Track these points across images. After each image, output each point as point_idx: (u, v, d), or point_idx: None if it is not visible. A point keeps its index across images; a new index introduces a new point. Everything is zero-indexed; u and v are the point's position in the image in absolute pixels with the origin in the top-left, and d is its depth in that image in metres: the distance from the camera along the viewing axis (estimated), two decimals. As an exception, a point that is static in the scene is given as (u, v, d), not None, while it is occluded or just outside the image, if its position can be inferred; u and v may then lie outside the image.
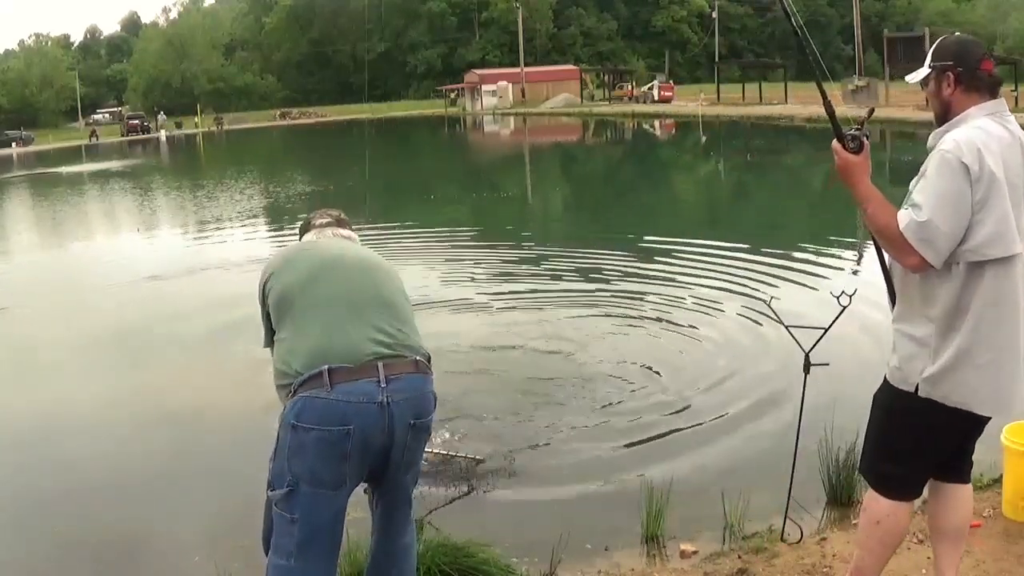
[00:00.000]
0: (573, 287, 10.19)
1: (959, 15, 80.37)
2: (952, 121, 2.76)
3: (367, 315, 2.85)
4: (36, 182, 35.24)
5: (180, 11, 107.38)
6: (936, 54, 2.82)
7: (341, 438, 2.66)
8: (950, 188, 2.59)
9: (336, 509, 2.81)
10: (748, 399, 6.17)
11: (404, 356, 2.81)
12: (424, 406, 2.86)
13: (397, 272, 3.18)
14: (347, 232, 3.29)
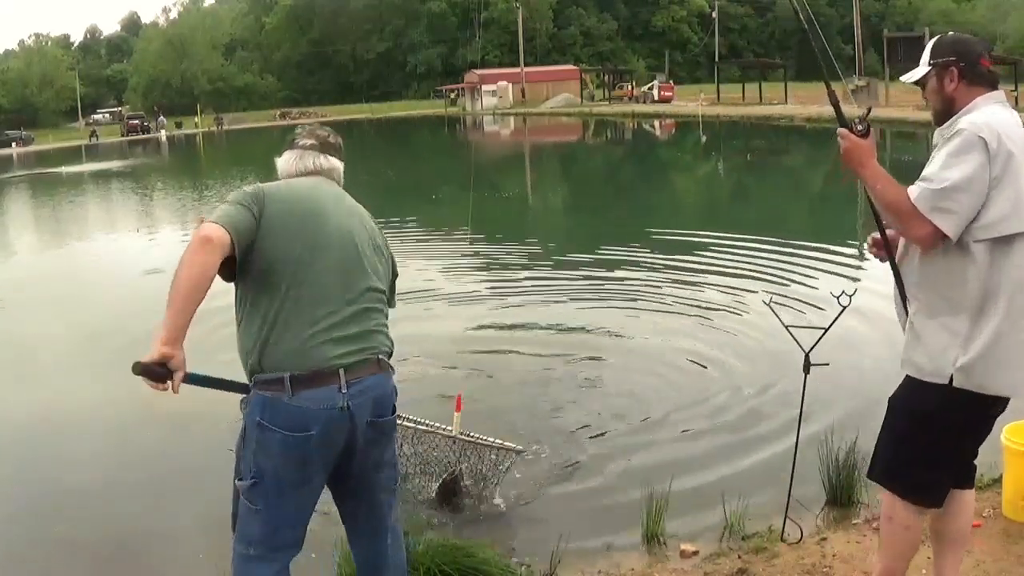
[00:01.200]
0: (573, 287, 10.18)
1: (959, 15, 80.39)
2: (961, 111, 2.76)
3: (346, 315, 2.74)
4: (36, 182, 35.24)
5: (180, 11, 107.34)
6: (935, 51, 2.82)
7: (303, 442, 2.65)
8: (968, 161, 2.60)
9: (300, 504, 2.80)
10: (748, 399, 6.17)
11: (366, 357, 2.76)
12: (384, 404, 2.84)
13: (373, 224, 3.00)
14: (331, 163, 3.01)
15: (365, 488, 2.93)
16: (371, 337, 2.79)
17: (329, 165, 3.01)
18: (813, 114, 40.85)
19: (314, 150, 3.00)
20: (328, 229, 2.78)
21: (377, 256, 2.91)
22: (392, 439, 2.97)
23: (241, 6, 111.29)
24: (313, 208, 2.81)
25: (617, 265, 11.28)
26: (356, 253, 2.83)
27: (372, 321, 2.81)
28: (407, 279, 10.98)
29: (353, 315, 2.75)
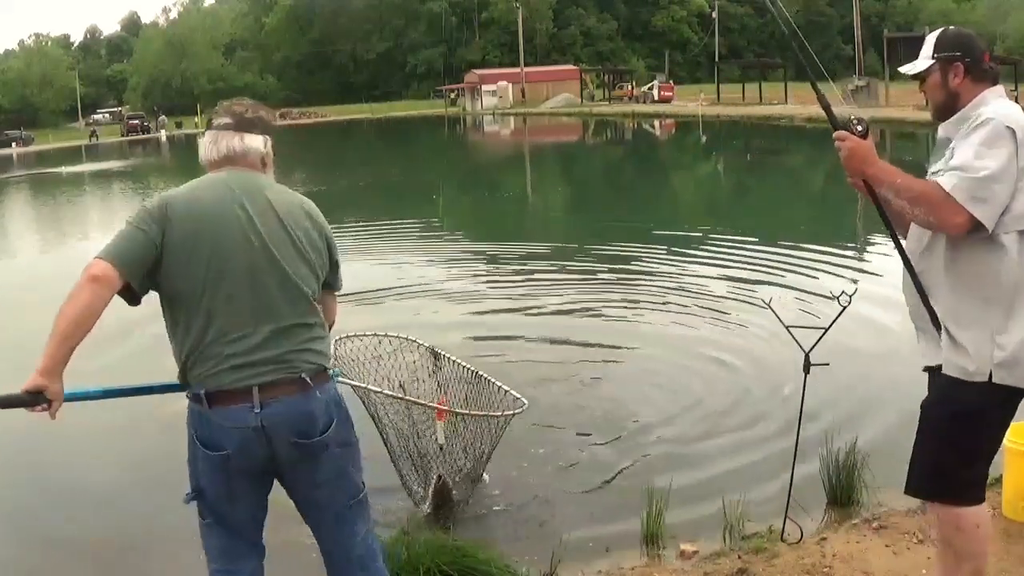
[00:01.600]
0: (574, 287, 10.18)
1: (959, 15, 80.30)
2: (970, 105, 2.75)
3: (260, 339, 2.58)
4: (36, 182, 35.25)
5: (180, 11, 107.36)
6: (939, 46, 2.80)
7: (221, 460, 2.60)
8: (1001, 150, 2.59)
9: (243, 516, 2.74)
10: (748, 399, 6.17)
11: (285, 376, 2.59)
12: (307, 426, 2.63)
13: (302, 209, 2.74)
14: (246, 144, 2.73)
15: (312, 508, 2.80)
16: (291, 356, 2.61)
17: (243, 147, 2.73)
18: (813, 114, 40.76)
19: (229, 130, 2.74)
20: (235, 247, 2.58)
21: (303, 256, 2.67)
22: (332, 458, 2.72)
23: (241, 6, 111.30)
24: (218, 226, 2.58)
25: (617, 265, 11.28)
26: (271, 266, 2.62)
27: (295, 339, 2.63)
28: (406, 277, 11.07)
29: (269, 336, 2.59)
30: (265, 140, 2.79)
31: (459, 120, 69.99)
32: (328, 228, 2.80)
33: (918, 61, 2.86)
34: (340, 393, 2.80)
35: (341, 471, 2.77)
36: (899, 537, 3.92)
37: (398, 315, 8.94)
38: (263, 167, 2.78)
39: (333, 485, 2.76)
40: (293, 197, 2.77)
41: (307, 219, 2.73)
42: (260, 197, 2.67)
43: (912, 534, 3.93)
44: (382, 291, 10.13)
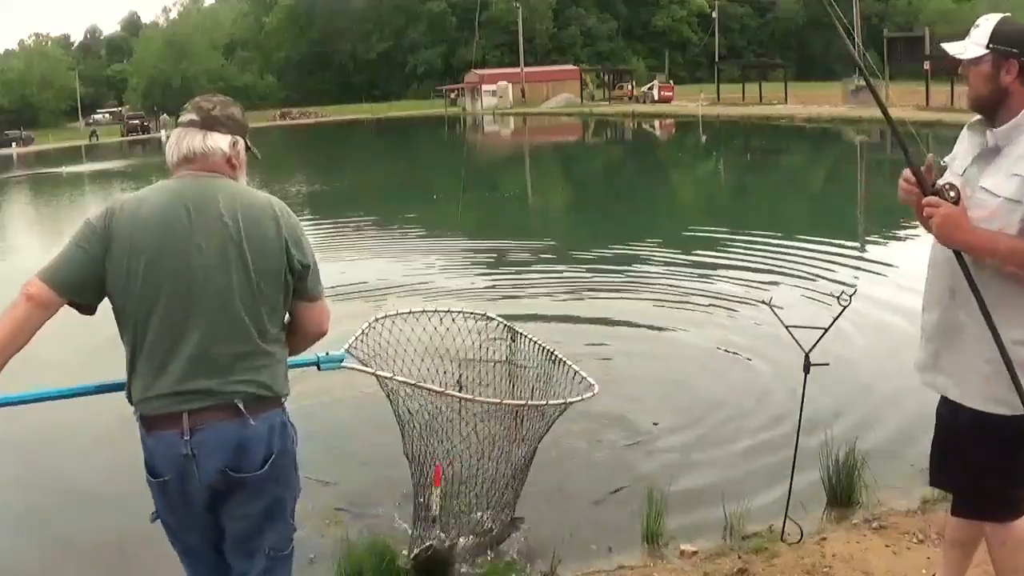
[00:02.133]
0: (573, 287, 10.17)
1: (959, 15, 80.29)
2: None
3: (190, 354, 2.39)
4: (36, 182, 35.26)
5: (180, 11, 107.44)
6: (997, 36, 2.60)
7: (161, 487, 2.47)
8: None
9: (199, 544, 2.57)
10: (748, 399, 6.17)
11: (218, 403, 2.40)
12: (239, 456, 2.42)
13: (266, 214, 2.48)
14: (209, 145, 2.51)
15: (235, 549, 2.55)
16: (224, 384, 2.40)
17: (205, 148, 2.50)
18: (813, 114, 40.89)
19: (193, 127, 2.53)
20: (172, 267, 2.39)
21: (250, 274, 2.42)
22: (267, 496, 2.49)
23: (241, 6, 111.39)
24: (157, 243, 2.40)
25: (618, 265, 11.27)
26: (210, 287, 2.40)
27: (233, 365, 2.42)
28: (410, 275, 11.06)
29: (202, 363, 2.39)
30: (233, 140, 2.56)
31: (459, 120, 69.99)
32: (297, 230, 2.52)
33: (967, 44, 2.65)
34: (287, 425, 2.54)
35: (272, 513, 2.53)
36: (899, 537, 3.92)
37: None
38: (231, 169, 2.56)
39: (259, 524, 2.52)
40: (255, 201, 2.50)
41: (267, 225, 2.46)
42: (212, 208, 2.43)
43: (912, 534, 3.93)
44: (381, 289, 10.13)
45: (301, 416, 6.10)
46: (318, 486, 4.98)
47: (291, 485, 2.57)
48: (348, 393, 6.62)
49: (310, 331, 2.63)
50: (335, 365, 3.31)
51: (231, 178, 2.55)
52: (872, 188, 19.35)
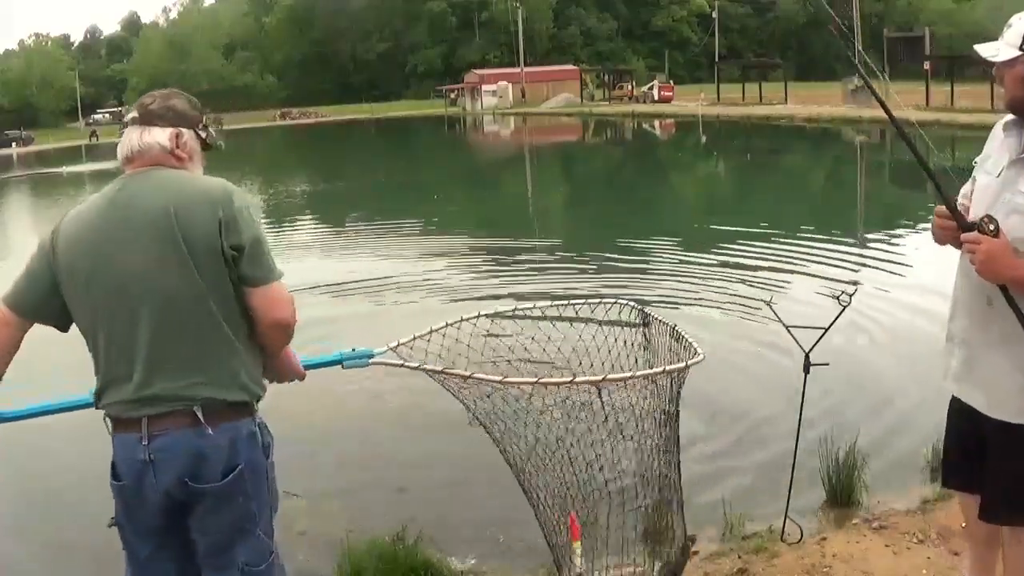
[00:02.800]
0: (573, 286, 10.17)
1: (959, 15, 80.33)
2: None
3: (142, 365, 2.32)
4: (37, 182, 35.26)
5: (180, 11, 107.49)
6: None
7: (119, 490, 2.40)
8: None
9: (152, 553, 2.45)
10: (748, 399, 6.17)
11: (177, 409, 2.31)
12: (197, 466, 2.32)
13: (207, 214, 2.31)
14: (147, 141, 2.46)
15: (207, 564, 2.45)
16: (180, 390, 2.31)
17: (142, 145, 2.46)
18: (813, 114, 40.91)
19: (135, 124, 2.52)
20: (108, 276, 2.32)
21: (190, 268, 2.29)
22: (233, 510, 2.37)
23: (241, 6, 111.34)
24: (92, 254, 2.34)
25: (616, 264, 11.27)
26: (148, 293, 2.30)
27: (185, 370, 2.32)
28: (411, 274, 11.07)
29: (153, 371, 2.31)
30: (175, 133, 2.47)
31: (459, 120, 70.01)
32: (234, 210, 2.32)
33: (1000, 46, 2.59)
34: (256, 435, 2.42)
35: (242, 527, 2.40)
36: (899, 537, 3.92)
37: (400, 311, 8.96)
38: (177, 161, 2.47)
39: (229, 538, 2.40)
40: (195, 187, 2.38)
41: (202, 211, 2.31)
42: (146, 205, 2.34)
43: (912, 534, 3.93)
44: (378, 286, 10.13)
45: (300, 417, 6.12)
46: (318, 487, 4.97)
47: (262, 498, 2.43)
48: (347, 393, 6.63)
49: (262, 320, 2.37)
50: (362, 362, 3.00)
51: (176, 169, 2.46)
52: (872, 188, 19.38)
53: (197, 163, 2.54)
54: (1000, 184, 2.59)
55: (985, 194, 2.65)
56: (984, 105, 34.68)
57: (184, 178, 2.42)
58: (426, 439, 5.78)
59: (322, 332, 7.68)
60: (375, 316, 9.17)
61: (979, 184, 2.71)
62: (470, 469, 5.34)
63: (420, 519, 4.48)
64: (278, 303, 2.38)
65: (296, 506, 4.71)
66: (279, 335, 2.45)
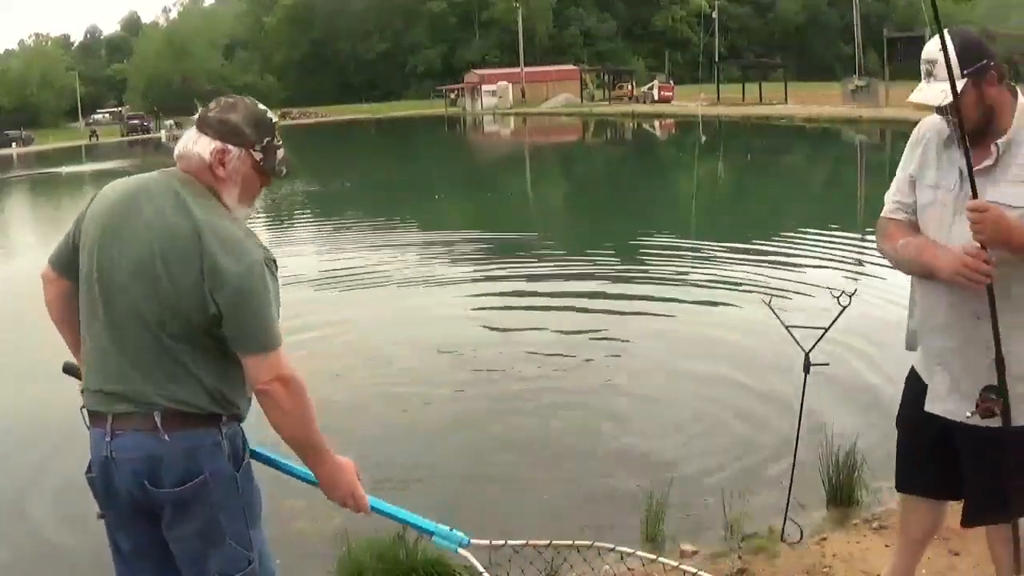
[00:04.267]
0: (573, 286, 10.17)
1: (959, 15, 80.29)
2: (1017, 123, 2.50)
3: (114, 356, 2.30)
4: (37, 182, 35.26)
5: (180, 11, 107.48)
6: (966, 57, 2.46)
7: (91, 482, 2.39)
8: None
9: (133, 547, 2.42)
10: (748, 399, 6.17)
11: (138, 411, 2.28)
12: (153, 470, 2.27)
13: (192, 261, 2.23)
14: (190, 149, 2.35)
15: (183, 572, 2.41)
16: (144, 390, 2.28)
17: (186, 150, 2.35)
18: (812, 114, 40.91)
19: (195, 126, 2.39)
20: (106, 261, 2.30)
21: (159, 293, 2.24)
22: (198, 518, 2.31)
23: (241, 6, 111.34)
24: (102, 232, 2.33)
25: (616, 263, 11.28)
26: (123, 293, 2.28)
27: (151, 374, 2.27)
28: (405, 272, 11.08)
29: (122, 366, 2.29)
30: (221, 148, 2.33)
31: (459, 120, 69.99)
32: (226, 272, 2.22)
33: (937, 84, 2.48)
34: (220, 445, 2.33)
35: (210, 537, 2.35)
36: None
37: (404, 311, 8.97)
38: (214, 179, 2.34)
39: (199, 547, 2.36)
40: (189, 222, 2.25)
41: (188, 254, 2.23)
42: (154, 208, 2.28)
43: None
44: (375, 280, 10.13)
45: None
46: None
47: (232, 509, 2.35)
48: (347, 393, 6.63)
49: (254, 386, 2.31)
50: (451, 546, 2.80)
51: (211, 188, 2.34)
52: (872, 188, 19.37)
53: (239, 188, 2.38)
54: (959, 198, 2.55)
55: (942, 211, 2.61)
56: (984, 105, 34.68)
57: (192, 206, 2.28)
58: (426, 439, 5.78)
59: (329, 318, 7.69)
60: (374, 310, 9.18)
61: (927, 199, 2.66)
62: (471, 469, 5.35)
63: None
64: (264, 374, 2.26)
65: (296, 506, 4.71)
66: (265, 405, 2.31)
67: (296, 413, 2.32)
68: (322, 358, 7.49)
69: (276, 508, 4.70)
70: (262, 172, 2.41)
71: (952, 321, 2.63)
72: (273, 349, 2.27)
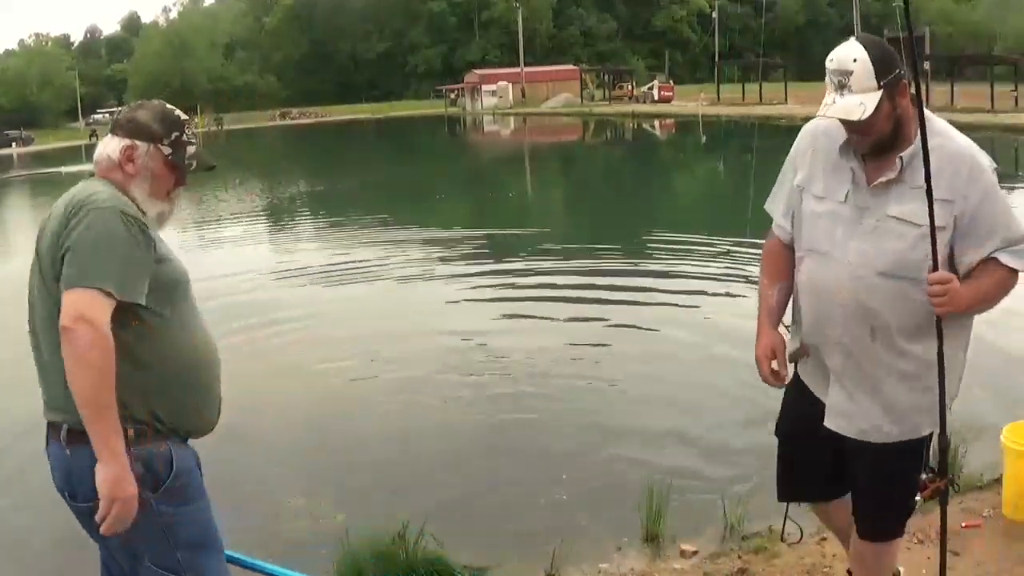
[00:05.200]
0: (573, 286, 10.17)
1: (959, 15, 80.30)
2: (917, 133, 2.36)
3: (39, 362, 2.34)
4: (37, 182, 35.24)
5: (180, 11, 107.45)
6: (882, 68, 2.31)
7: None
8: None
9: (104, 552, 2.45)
10: (747, 399, 6.16)
11: (55, 421, 2.28)
12: (68, 482, 2.27)
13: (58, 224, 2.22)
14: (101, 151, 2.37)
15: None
16: (55, 402, 2.27)
17: (97, 155, 2.39)
18: (812, 114, 40.69)
19: (108, 132, 2.44)
20: (31, 279, 2.35)
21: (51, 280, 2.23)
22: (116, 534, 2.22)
23: (241, 6, 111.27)
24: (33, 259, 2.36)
25: (615, 263, 11.28)
26: (39, 297, 2.31)
27: (56, 381, 2.21)
28: (405, 269, 11.08)
29: (42, 374, 2.33)
30: (128, 145, 2.36)
31: (459, 120, 69.99)
32: (74, 217, 2.20)
33: (857, 99, 2.31)
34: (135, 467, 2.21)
35: (134, 553, 2.34)
36: (899, 537, 3.92)
37: (406, 311, 8.97)
38: (123, 175, 2.36)
39: (127, 561, 2.37)
40: (73, 199, 2.26)
41: (57, 224, 2.24)
42: (59, 209, 2.27)
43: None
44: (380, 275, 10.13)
45: (299, 417, 6.10)
46: (318, 487, 4.98)
47: (148, 531, 2.26)
48: (347, 393, 6.63)
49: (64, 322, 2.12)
50: None
51: (116, 184, 2.34)
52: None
53: (149, 183, 2.38)
54: (853, 210, 2.46)
55: (833, 221, 2.49)
56: (984, 105, 34.73)
57: (86, 191, 2.28)
58: (426, 439, 5.78)
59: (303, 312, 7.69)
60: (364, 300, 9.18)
61: (815, 210, 2.54)
62: (471, 469, 5.35)
63: (420, 519, 4.48)
64: (76, 306, 2.12)
65: (296, 506, 4.72)
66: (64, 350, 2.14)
67: (94, 367, 2.08)
68: (321, 356, 7.50)
69: (276, 508, 4.70)
70: (172, 167, 2.42)
71: (844, 343, 2.55)
72: (90, 287, 2.12)
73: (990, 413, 5.40)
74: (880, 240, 2.43)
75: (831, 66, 2.36)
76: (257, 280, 11.18)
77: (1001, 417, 4.77)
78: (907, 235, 2.40)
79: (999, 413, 5.28)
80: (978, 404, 5.66)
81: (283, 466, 5.26)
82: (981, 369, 6.28)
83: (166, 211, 2.44)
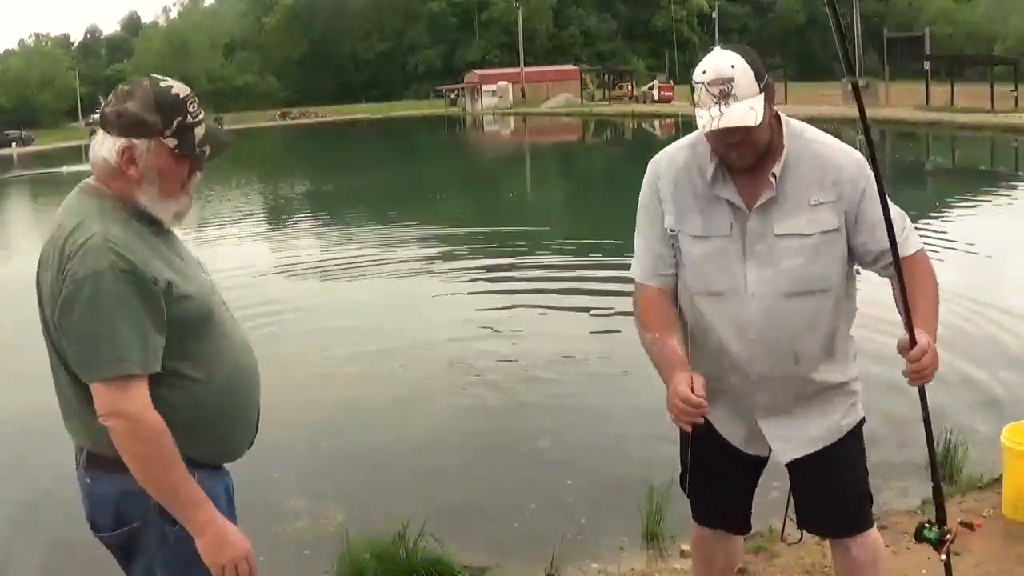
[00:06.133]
0: (573, 286, 10.18)
1: (959, 15, 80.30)
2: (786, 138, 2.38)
3: (56, 390, 2.12)
4: (37, 182, 35.25)
5: (180, 11, 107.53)
6: (758, 72, 2.22)
7: None
8: None
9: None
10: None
11: (79, 447, 2.12)
12: (92, 510, 2.10)
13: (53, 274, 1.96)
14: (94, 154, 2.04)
15: None
16: (75, 429, 2.10)
17: (92, 158, 2.06)
18: (813, 114, 40.78)
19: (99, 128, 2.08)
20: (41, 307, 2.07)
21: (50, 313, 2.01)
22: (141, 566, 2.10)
23: (241, 6, 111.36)
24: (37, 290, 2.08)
25: (615, 263, 11.26)
26: (48, 341, 2.07)
27: (75, 407, 2.05)
28: (404, 268, 11.09)
29: (62, 402, 2.11)
30: (125, 145, 1.99)
31: (459, 120, 70.00)
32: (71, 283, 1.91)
33: (748, 105, 2.18)
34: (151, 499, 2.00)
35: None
36: (899, 537, 3.91)
37: (406, 310, 8.97)
38: (127, 184, 2.03)
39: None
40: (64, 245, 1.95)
41: (55, 267, 1.96)
42: (52, 260, 1.97)
43: (912, 534, 3.92)
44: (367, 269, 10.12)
45: (299, 417, 6.11)
46: (318, 487, 4.98)
47: (162, 560, 2.07)
48: (347, 393, 6.63)
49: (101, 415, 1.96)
50: None
51: (117, 194, 2.03)
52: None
53: (158, 185, 2.04)
54: (741, 241, 2.34)
55: (723, 257, 2.36)
56: (984, 105, 34.71)
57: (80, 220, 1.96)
58: (427, 439, 5.78)
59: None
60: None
61: (699, 251, 2.38)
62: (471, 469, 5.35)
63: (420, 519, 4.48)
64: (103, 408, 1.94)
65: (296, 506, 4.72)
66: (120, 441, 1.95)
67: (143, 458, 1.93)
68: (317, 352, 7.50)
69: (276, 508, 4.70)
70: (182, 159, 2.06)
71: (773, 371, 2.44)
72: (114, 378, 1.90)
73: (990, 413, 5.40)
74: (776, 262, 2.32)
75: (706, 78, 2.18)
76: (257, 279, 11.18)
77: (1001, 417, 4.77)
78: (802, 249, 2.31)
79: (999, 413, 5.29)
80: (978, 404, 5.67)
81: (283, 466, 5.25)
82: (982, 369, 6.30)
83: (184, 207, 2.12)
